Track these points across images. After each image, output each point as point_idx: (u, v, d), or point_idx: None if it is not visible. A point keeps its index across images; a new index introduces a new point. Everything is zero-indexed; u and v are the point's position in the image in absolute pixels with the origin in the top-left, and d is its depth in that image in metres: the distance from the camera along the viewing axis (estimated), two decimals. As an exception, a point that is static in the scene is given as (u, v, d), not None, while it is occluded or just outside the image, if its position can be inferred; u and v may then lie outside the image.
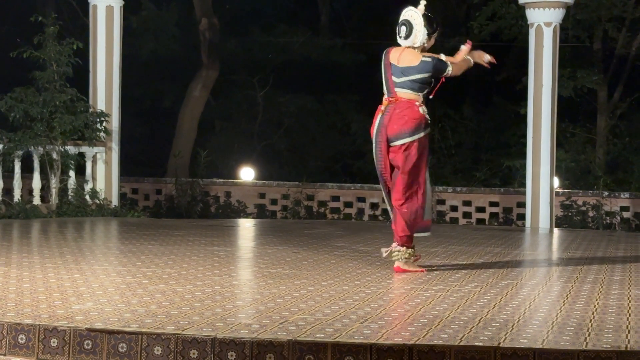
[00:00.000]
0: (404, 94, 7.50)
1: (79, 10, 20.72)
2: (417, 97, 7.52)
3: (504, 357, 4.59)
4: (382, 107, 7.56)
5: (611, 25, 19.81)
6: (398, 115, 7.46)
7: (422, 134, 7.49)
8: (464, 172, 21.08)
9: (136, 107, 22.17)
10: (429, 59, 7.50)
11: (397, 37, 7.61)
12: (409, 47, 7.57)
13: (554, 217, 14.41)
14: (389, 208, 7.72)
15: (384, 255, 7.65)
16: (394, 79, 7.52)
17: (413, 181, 7.52)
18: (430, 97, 7.62)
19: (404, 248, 7.52)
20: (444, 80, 7.66)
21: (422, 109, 7.52)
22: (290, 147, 23.79)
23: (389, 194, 7.64)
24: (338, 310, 5.55)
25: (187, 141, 21.53)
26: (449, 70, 7.59)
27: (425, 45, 7.62)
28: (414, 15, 7.57)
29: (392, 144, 7.49)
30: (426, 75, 7.49)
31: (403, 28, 7.57)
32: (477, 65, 7.95)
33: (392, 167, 7.58)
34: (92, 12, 14.02)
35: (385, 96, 7.59)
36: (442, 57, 7.62)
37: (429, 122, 7.59)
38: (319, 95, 23.23)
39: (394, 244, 7.56)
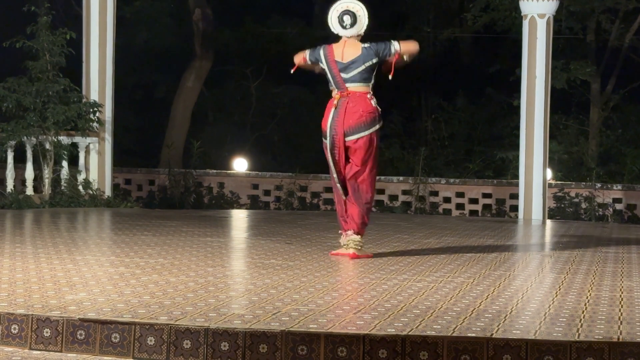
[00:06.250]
0: (355, 87, 7.65)
1: (72, 0, 20.68)
2: (367, 89, 7.68)
3: (496, 348, 4.60)
4: (335, 102, 7.67)
5: (604, 17, 19.82)
6: (352, 109, 7.60)
7: (377, 127, 7.68)
8: (457, 164, 21.09)
9: (129, 98, 22.15)
10: (368, 44, 7.68)
11: (340, 28, 7.77)
12: (351, 39, 7.74)
13: (546, 209, 14.44)
14: (342, 196, 7.77)
15: (343, 243, 7.78)
16: (343, 75, 7.66)
17: (368, 173, 7.70)
18: (390, 77, 7.67)
19: (359, 236, 7.70)
20: (397, 57, 7.66)
21: (374, 101, 7.70)
22: (283, 138, 23.78)
23: (343, 187, 7.74)
24: (331, 301, 5.55)
25: (180, 132, 21.51)
26: (396, 46, 7.68)
27: (362, 34, 7.82)
28: (353, 5, 7.81)
29: (348, 138, 7.64)
30: (373, 61, 7.64)
31: (347, 17, 7.79)
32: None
33: (346, 160, 7.72)
34: (85, 1, 13.97)
35: (335, 90, 7.68)
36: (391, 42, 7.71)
37: (380, 114, 7.71)
38: (312, 87, 23.22)
39: (350, 232, 7.71)
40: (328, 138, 7.66)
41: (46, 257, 7.19)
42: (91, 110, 13.55)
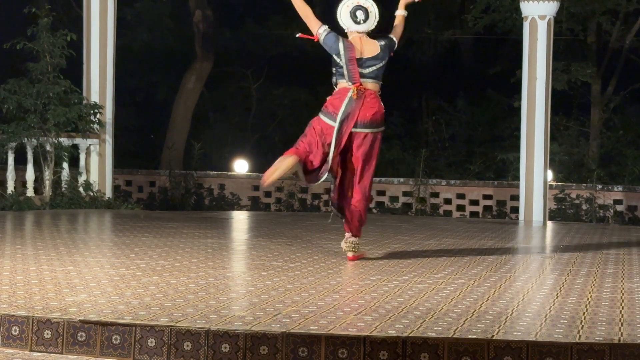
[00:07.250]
0: (370, 84, 7.62)
1: (73, 1, 20.69)
2: (378, 87, 7.69)
3: (497, 350, 4.60)
4: (352, 92, 7.54)
5: (605, 18, 19.81)
6: (369, 103, 7.57)
7: (383, 128, 7.71)
8: (458, 165, 21.09)
9: (130, 99, 22.16)
10: (383, 43, 7.70)
11: (352, 23, 7.71)
12: (364, 35, 7.70)
13: (547, 210, 14.43)
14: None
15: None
16: (361, 70, 7.61)
17: (370, 173, 7.68)
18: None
19: (356, 238, 7.70)
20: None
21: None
22: (284, 140, 23.73)
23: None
24: (332, 302, 5.55)
25: (180, 133, 21.52)
26: (396, 43, 7.81)
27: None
28: (365, 1, 7.78)
29: (356, 129, 7.56)
30: (386, 60, 7.70)
31: (360, 12, 7.75)
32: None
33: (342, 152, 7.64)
34: (85, 3, 13.97)
35: (347, 82, 7.60)
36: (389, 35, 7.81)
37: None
38: (313, 88, 23.23)
39: (348, 234, 7.70)
40: (338, 121, 7.51)
41: (47, 258, 7.18)
42: (92, 111, 13.55)
